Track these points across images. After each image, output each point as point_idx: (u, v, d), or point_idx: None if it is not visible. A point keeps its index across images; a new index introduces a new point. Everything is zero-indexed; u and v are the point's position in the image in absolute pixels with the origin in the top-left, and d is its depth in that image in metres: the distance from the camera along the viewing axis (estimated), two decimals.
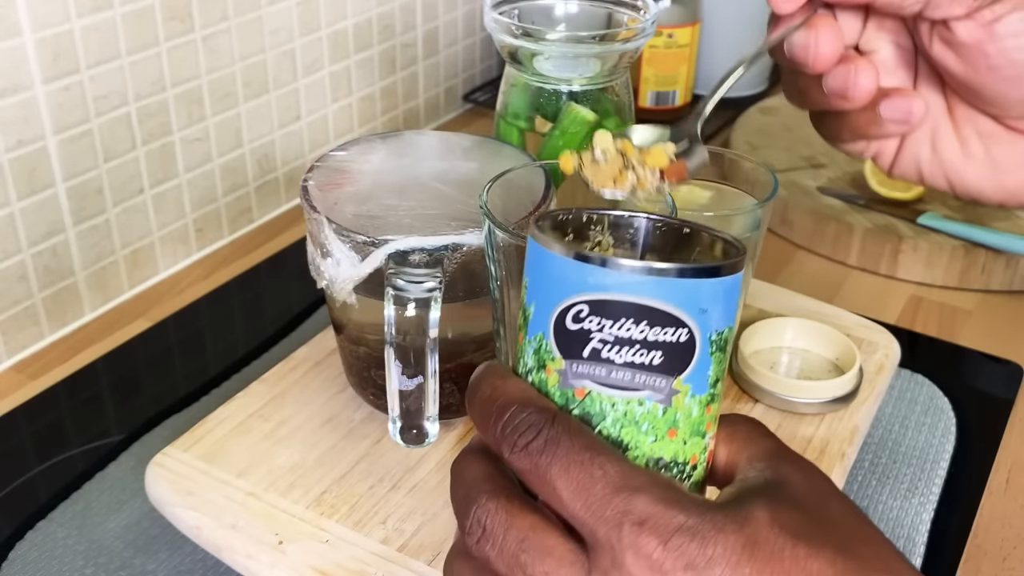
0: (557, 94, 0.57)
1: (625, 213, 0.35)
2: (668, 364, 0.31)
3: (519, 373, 0.33)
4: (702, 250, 0.34)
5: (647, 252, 0.35)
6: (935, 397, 0.66)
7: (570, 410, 0.31)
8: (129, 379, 0.69)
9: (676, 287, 0.30)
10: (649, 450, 0.31)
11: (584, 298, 0.31)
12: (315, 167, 0.53)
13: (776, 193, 0.54)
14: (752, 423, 0.34)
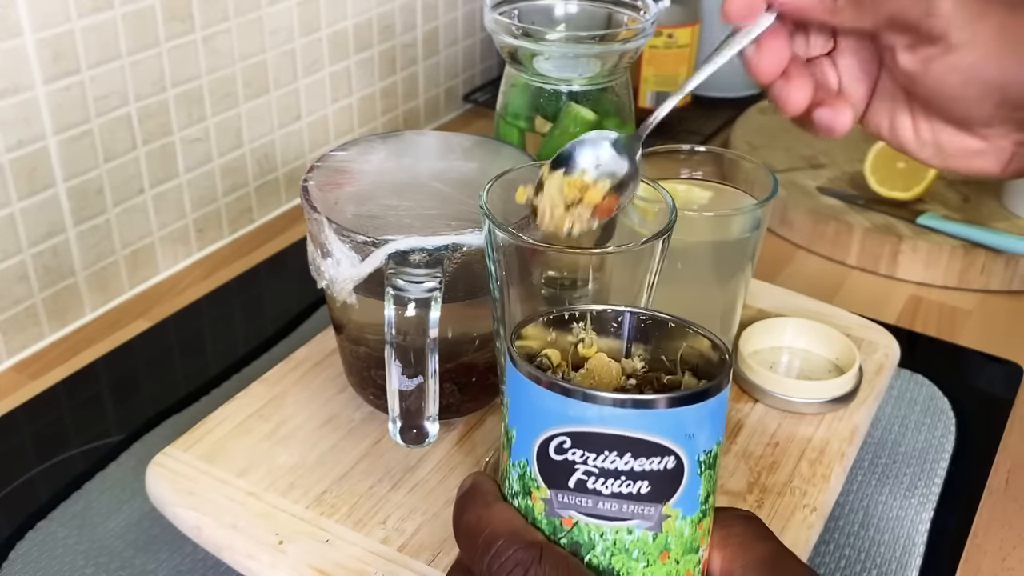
0: (557, 94, 0.57)
1: (608, 308, 0.35)
2: (656, 492, 0.30)
3: (505, 495, 0.33)
4: (688, 343, 0.34)
5: (632, 344, 0.35)
6: (935, 397, 0.66)
7: (558, 539, 0.31)
8: (129, 379, 0.69)
9: (660, 418, 0.30)
10: (642, 575, 0.31)
11: (566, 430, 0.30)
12: (315, 167, 0.53)
13: (776, 193, 0.54)
14: (747, 523, 0.33)
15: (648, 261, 0.42)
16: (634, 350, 0.35)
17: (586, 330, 0.35)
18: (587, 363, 0.35)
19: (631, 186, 0.45)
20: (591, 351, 0.35)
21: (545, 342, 0.35)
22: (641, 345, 0.35)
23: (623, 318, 0.35)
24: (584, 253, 0.42)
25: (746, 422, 0.55)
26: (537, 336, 0.35)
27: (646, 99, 1.01)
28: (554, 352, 0.35)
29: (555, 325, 0.35)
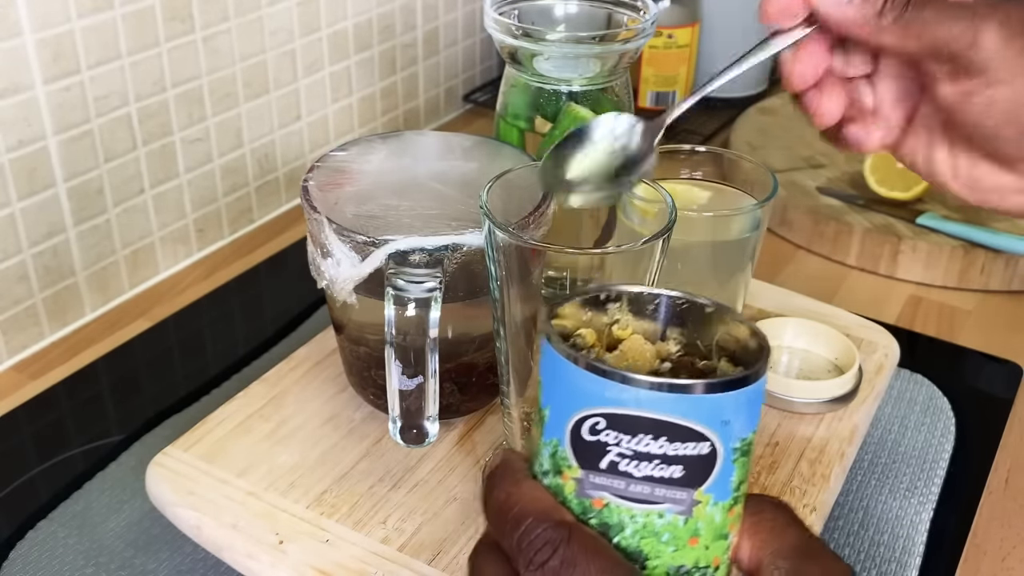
0: (557, 94, 0.57)
1: (644, 290, 0.34)
2: (689, 477, 0.30)
3: (535, 472, 0.32)
4: (725, 329, 0.33)
5: (668, 327, 0.34)
6: (934, 397, 0.66)
7: (588, 520, 0.31)
8: (129, 379, 0.69)
9: (697, 403, 0.29)
10: (670, 559, 0.31)
11: (601, 411, 0.30)
12: (315, 167, 0.53)
13: (775, 193, 0.54)
14: (777, 509, 0.33)
15: (648, 261, 0.42)
16: (669, 333, 0.34)
17: (621, 311, 0.34)
18: (621, 345, 0.34)
19: (645, 168, 0.45)
20: (626, 332, 0.34)
21: (580, 322, 0.34)
22: (677, 328, 0.34)
23: (659, 301, 0.34)
24: (584, 253, 0.42)
25: None
26: (572, 316, 0.34)
27: (646, 99, 1.01)
28: (589, 332, 0.34)
29: (591, 305, 0.34)
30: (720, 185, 0.58)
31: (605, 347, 0.34)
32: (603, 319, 0.34)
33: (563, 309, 0.34)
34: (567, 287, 0.42)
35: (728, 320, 0.33)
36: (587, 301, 0.34)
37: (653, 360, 0.34)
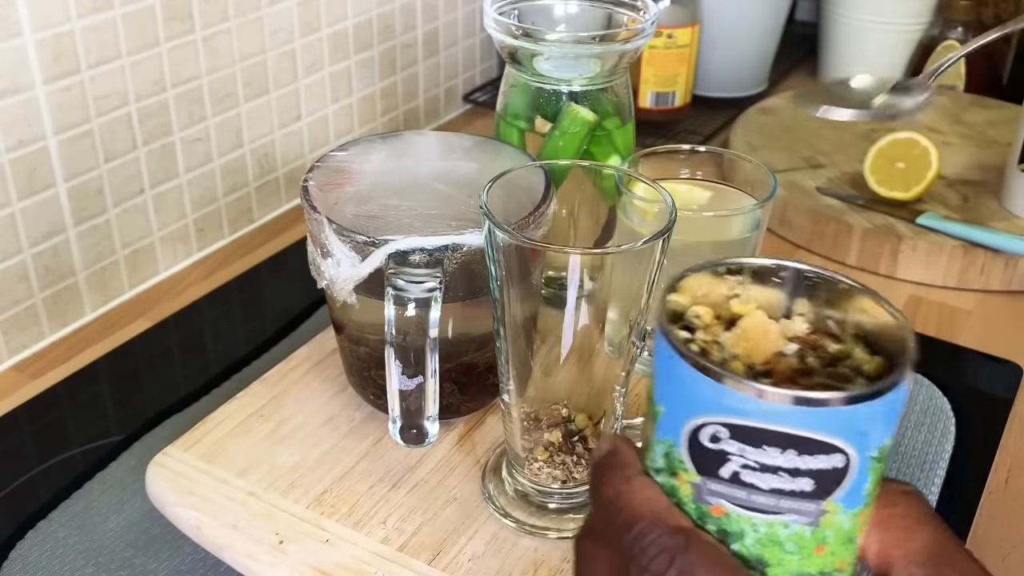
0: (557, 94, 0.57)
1: (769, 261, 0.31)
2: (819, 489, 0.27)
3: (647, 467, 0.30)
4: (861, 308, 0.30)
5: (794, 302, 0.31)
6: (934, 397, 0.66)
7: (705, 525, 0.29)
8: (130, 379, 0.69)
9: (832, 416, 0.26)
10: (795, 567, 0.29)
11: (722, 420, 0.27)
12: (315, 167, 0.53)
13: (775, 193, 0.54)
14: (909, 502, 0.30)
15: (648, 261, 0.42)
16: (795, 308, 0.31)
17: (743, 284, 0.31)
18: (741, 321, 0.31)
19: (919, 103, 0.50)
20: (747, 308, 0.31)
21: (695, 297, 0.31)
22: (804, 301, 0.31)
23: (786, 273, 0.31)
24: (584, 253, 0.42)
25: None
26: (687, 290, 0.31)
27: (646, 99, 1.01)
28: (705, 309, 0.31)
29: (709, 277, 0.31)
30: (720, 185, 0.58)
31: (724, 324, 0.31)
32: (721, 291, 0.31)
33: (680, 284, 0.31)
34: (567, 287, 0.42)
35: (866, 299, 0.30)
36: (705, 273, 0.31)
37: (777, 340, 0.30)
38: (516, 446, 0.48)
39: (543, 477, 0.48)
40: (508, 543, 0.47)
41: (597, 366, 0.45)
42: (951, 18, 1.06)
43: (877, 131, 0.93)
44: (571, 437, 0.47)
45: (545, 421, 0.47)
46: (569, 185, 0.54)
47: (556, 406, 0.47)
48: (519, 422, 0.47)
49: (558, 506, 0.48)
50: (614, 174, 0.52)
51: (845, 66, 1.13)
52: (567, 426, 0.47)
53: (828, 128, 0.96)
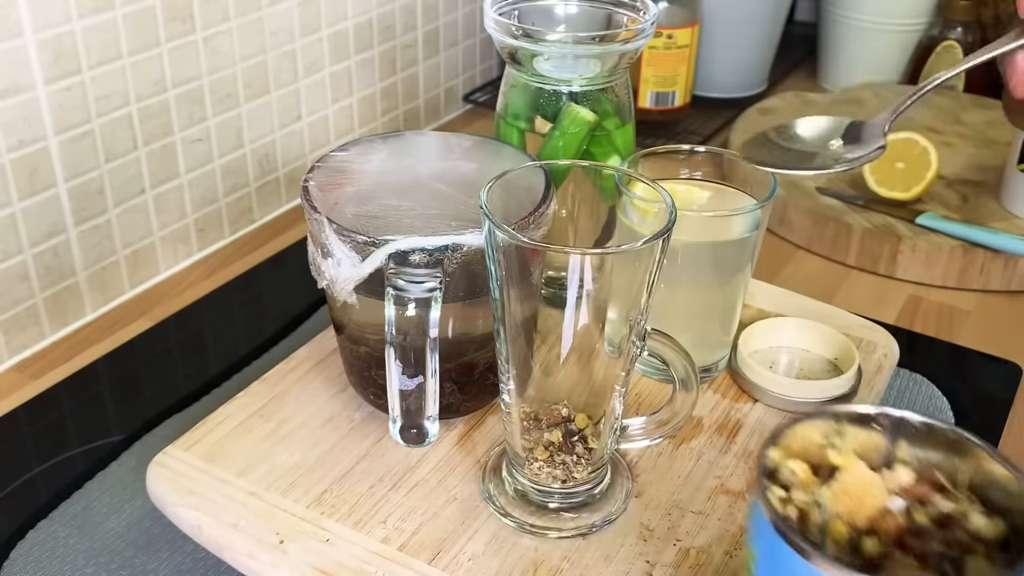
0: (557, 95, 0.57)
1: (870, 410, 0.30)
2: None
3: None
4: (975, 463, 0.28)
5: (897, 448, 0.29)
6: (934, 397, 0.66)
7: None
8: (130, 379, 0.69)
9: None
10: None
11: None
12: (316, 167, 0.53)
13: (775, 193, 0.54)
14: None
15: (648, 261, 0.42)
16: (898, 452, 0.29)
17: (840, 433, 0.29)
18: (840, 474, 0.28)
19: (869, 156, 0.46)
20: (846, 459, 0.29)
21: (790, 452, 0.29)
22: (905, 445, 0.29)
23: (887, 420, 0.29)
24: (584, 253, 0.42)
25: (745, 422, 0.56)
26: (782, 445, 0.29)
27: (646, 100, 1.01)
28: (801, 466, 0.29)
29: (806, 427, 0.29)
30: (720, 185, 0.58)
31: (823, 477, 0.29)
32: (816, 439, 0.29)
33: (778, 440, 0.28)
34: (567, 287, 0.42)
35: (980, 453, 0.27)
36: (802, 424, 0.29)
37: (881, 495, 0.28)
38: (516, 446, 0.48)
39: (543, 477, 0.48)
40: (508, 543, 0.47)
41: (597, 366, 0.45)
42: (951, 18, 1.06)
43: None
44: (571, 437, 0.47)
45: (545, 421, 0.47)
46: (569, 185, 0.54)
47: (556, 406, 0.47)
48: (519, 422, 0.47)
49: (558, 506, 0.49)
50: (614, 174, 0.52)
51: (845, 66, 1.13)
52: (567, 426, 0.47)
53: None
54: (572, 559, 0.47)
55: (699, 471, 0.52)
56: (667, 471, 0.52)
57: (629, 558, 0.47)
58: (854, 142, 0.48)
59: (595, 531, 0.48)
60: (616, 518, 0.49)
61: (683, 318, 0.56)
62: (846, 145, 0.48)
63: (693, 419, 0.56)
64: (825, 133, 0.50)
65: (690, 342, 0.48)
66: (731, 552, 0.47)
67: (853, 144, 0.48)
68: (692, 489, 0.51)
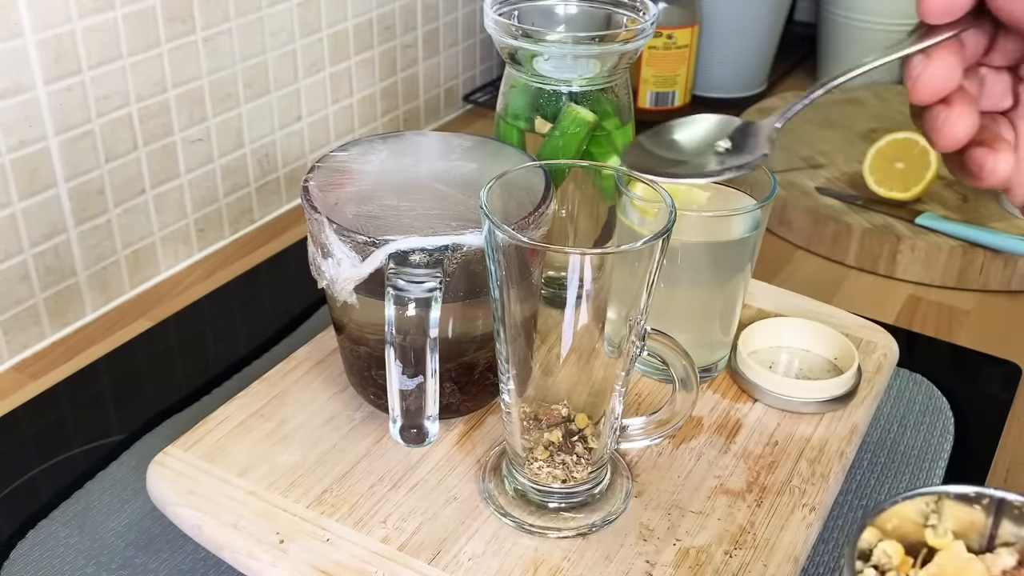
0: (557, 95, 0.57)
1: (968, 490, 0.29)
2: None
3: None
4: None
5: (998, 525, 0.28)
6: (933, 396, 0.66)
7: None
8: (130, 379, 0.69)
9: None
10: None
11: None
12: (316, 167, 0.53)
13: (775, 193, 0.54)
14: None
15: (648, 261, 0.42)
16: (1000, 534, 0.28)
17: (938, 513, 0.28)
18: (938, 557, 0.28)
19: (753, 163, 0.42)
20: (944, 542, 0.28)
21: (884, 531, 0.28)
22: (1009, 525, 0.28)
23: (987, 499, 0.28)
24: (584, 253, 0.42)
25: (745, 422, 0.56)
26: (876, 523, 0.28)
27: (646, 100, 1.01)
28: (895, 547, 0.28)
29: (903, 508, 0.28)
30: (719, 185, 0.58)
31: (920, 562, 0.28)
32: (915, 518, 0.28)
33: (875, 519, 0.28)
34: (567, 287, 0.42)
35: None
36: (898, 504, 0.28)
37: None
38: (516, 446, 0.48)
39: (543, 476, 0.48)
40: (508, 542, 0.47)
41: (597, 366, 0.45)
42: None
43: (876, 131, 0.93)
44: (571, 437, 0.47)
45: (545, 421, 0.47)
46: (569, 185, 0.54)
47: (556, 406, 0.47)
48: (519, 422, 0.48)
49: (558, 505, 0.49)
50: (614, 174, 0.52)
51: (845, 66, 1.13)
52: (567, 426, 0.47)
53: (827, 129, 0.96)
54: (572, 559, 0.47)
55: (699, 471, 0.52)
56: (667, 471, 0.52)
57: (629, 558, 0.47)
58: (742, 145, 0.44)
59: (595, 531, 0.48)
60: (616, 518, 0.49)
61: (683, 318, 0.56)
62: (734, 148, 0.43)
63: (693, 419, 0.56)
64: (709, 134, 0.45)
65: (690, 342, 0.48)
66: (730, 552, 0.47)
67: (740, 148, 0.43)
68: (692, 489, 0.51)
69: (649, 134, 0.46)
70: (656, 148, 0.44)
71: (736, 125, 0.44)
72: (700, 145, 0.44)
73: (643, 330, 0.45)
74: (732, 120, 0.45)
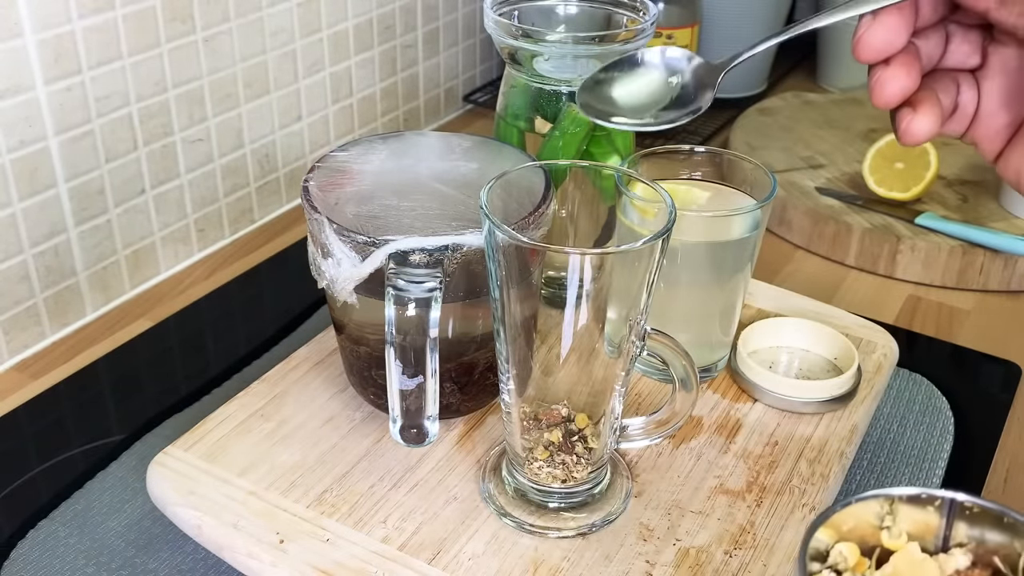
0: (557, 95, 0.57)
1: (923, 492, 0.29)
2: None
3: None
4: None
5: (952, 531, 0.29)
6: (933, 396, 0.66)
7: None
8: (130, 379, 0.69)
9: None
10: None
11: None
12: (316, 167, 0.53)
13: (775, 193, 0.54)
14: None
15: (648, 261, 0.43)
16: (954, 534, 0.28)
17: (892, 515, 0.29)
18: (894, 557, 0.28)
19: (699, 105, 0.41)
20: (899, 543, 0.29)
21: (840, 532, 0.29)
22: (963, 527, 0.28)
23: (941, 503, 0.28)
24: (584, 253, 0.42)
25: (745, 421, 0.56)
26: (831, 524, 0.28)
27: None
28: (850, 548, 0.28)
29: (857, 510, 0.29)
30: (720, 185, 0.58)
31: (874, 563, 0.28)
32: (869, 521, 0.29)
33: (828, 520, 0.28)
34: (567, 287, 0.42)
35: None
36: (852, 505, 0.29)
37: None
38: (516, 446, 0.48)
39: (543, 476, 0.48)
40: (508, 542, 0.47)
41: (597, 366, 0.45)
42: None
43: (876, 131, 0.93)
44: (571, 437, 0.47)
45: (545, 421, 0.47)
46: (569, 185, 0.54)
47: (556, 406, 0.47)
48: (519, 422, 0.48)
49: (558, 505, 0.49)
50: (614, 174, 0.52)
51: (845, 66, 1.13)
52: (567, 426, 0.47)
53: (827, 128, 0.96)
54: (572, 559, 0.47)
55: (699, 471, 0.52)
56: (667, 471, 0.52)
57: (629, 558, 0.47)
58: (691, 87, 0.43)
59: (595, 531, 0.48)
60: (616, 518, 0.49)
61: (683, 318, 0.56)
62: (684, 88, 0.42)
63: (693, 419, 0.56)
64: (672, 66, 0.43)
65: (690, 342, 0.48)
66: (730, 552, 0.47)
67: (689, 90, 0.42)
68: (692, 489, 0.51)
69: (610, 67, 0.45)
70: (609, 88, 0.43)
71: (696, 63, 0.43)
72: (653, 85, 0.43)
73: (643, 330, 0.45)
74: (692, 56, 0.44)
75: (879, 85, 0.39)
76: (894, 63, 0.39)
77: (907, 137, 0.39)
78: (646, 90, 0.43)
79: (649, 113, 0.43)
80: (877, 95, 0.39)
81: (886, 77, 0.39)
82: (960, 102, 0.40)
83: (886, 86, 0.39)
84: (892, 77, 0.39)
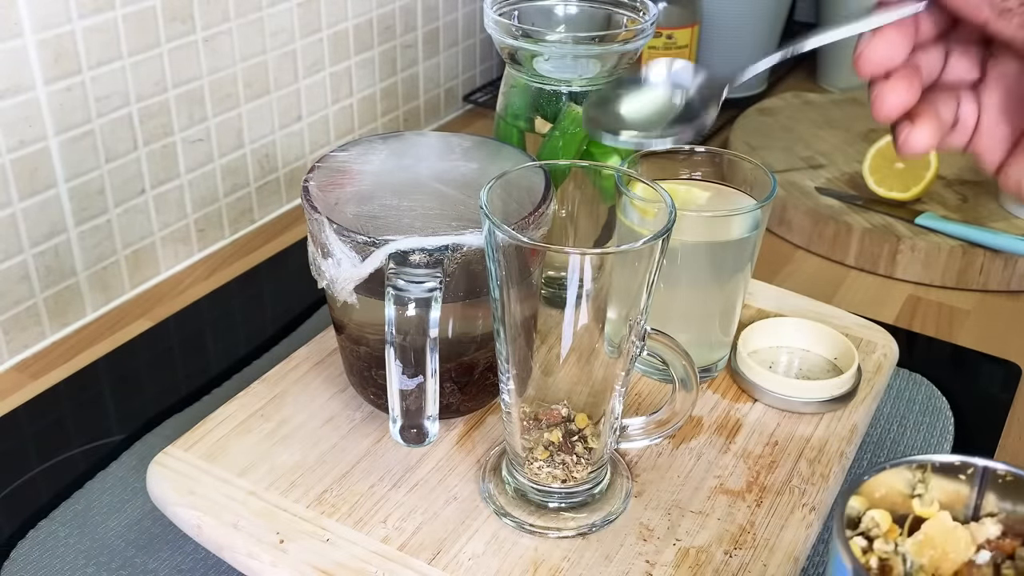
0: (557, 95, 0.57)
1: (954, 459, 0.29)
2: None
3: None
4: None
5: (983, 496, 0.29)
6: (933, 396, 0.66)
7: None
8: (130, 379, 0.69)
9: None
10: None
11: None
12: (316, 167, 0.53)
13: (775, 193, 0.54)
14: None
15: (648, 261, 0.43)
16: (984, 504, 0.29)
17: (925, 483, 0.29)
18: (925, 526, 0.28)
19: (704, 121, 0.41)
20: (930, 511, 0.29)
21: (872, 499, 0.29)
22: (993, 498, 0.28)
23: (973, 470, 0.29)
24: (584, 253, 0.42)
25: (745, 421, 0.56)
26: (864, 491, 0.29)
27: None
28: (883, 515, 0.28)
29: (889, 476, 0.29)
30: (719, 185, 0.58)
31: (907, 528, 0.29)
32: (901, 488, 0.29)
33: (860, 487, 0.28)
34: (567, 287, 0.42)
35: None
36: (884, 472, 0.29)
37: (967, 547, 0.28)
38: (516, 446, 0.48)
39: (543, 476, 0.48)
40: (508, 542, 0.47)
41: (597, 366, 0.45)
42: None
43: (876, 131, 0.93)
44: (571, 437, 0.47)
45: (545, 421, 0.47)
46: (569, 185, 0.54)
47: (556, 406, 0.47)
48: (519, 422, 0.48)
49: (558, 505, 0.49)
50: (614, 174, 0.52)
51: (845, 66, 1.13)
52: (567, 426, 0.47)
53: (827, 128, 0.96)
54: (572, 559, 0.47)
55: (699, 471, 0.52)
56: (667, 471, 0.52)
57: (629, 558, 0.47)
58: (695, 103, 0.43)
59: (595, 531, 0.48)
60: (616, 518, 0.49)
61: (683, 318, 0.56)
62: (688, 102, 0.42)
63: (693, 419, 0.56)
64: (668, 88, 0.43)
65: (690, 342, 0.48)
66: (730, 552, 0.47)
67: (693, 106, 0.42)
68: (692, 489, 0.51)
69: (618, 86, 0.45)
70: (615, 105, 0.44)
71: (700, 78, 0.44)
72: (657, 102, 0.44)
73: (643, 330, 0.45)
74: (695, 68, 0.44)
75: (880, 99, 0.40)
76: (894, 77, 0.39)
77: (906, 149, 0.40)
78: (651, 107, 0.43)
79: (656, 130, 0.43)
80: (877, 109, 0.40)
81: (887, 91, 0.39)
82: (960, 115, 0.40)
83: (886, 100, 0.39)
84: (892, 91, 0.39)
